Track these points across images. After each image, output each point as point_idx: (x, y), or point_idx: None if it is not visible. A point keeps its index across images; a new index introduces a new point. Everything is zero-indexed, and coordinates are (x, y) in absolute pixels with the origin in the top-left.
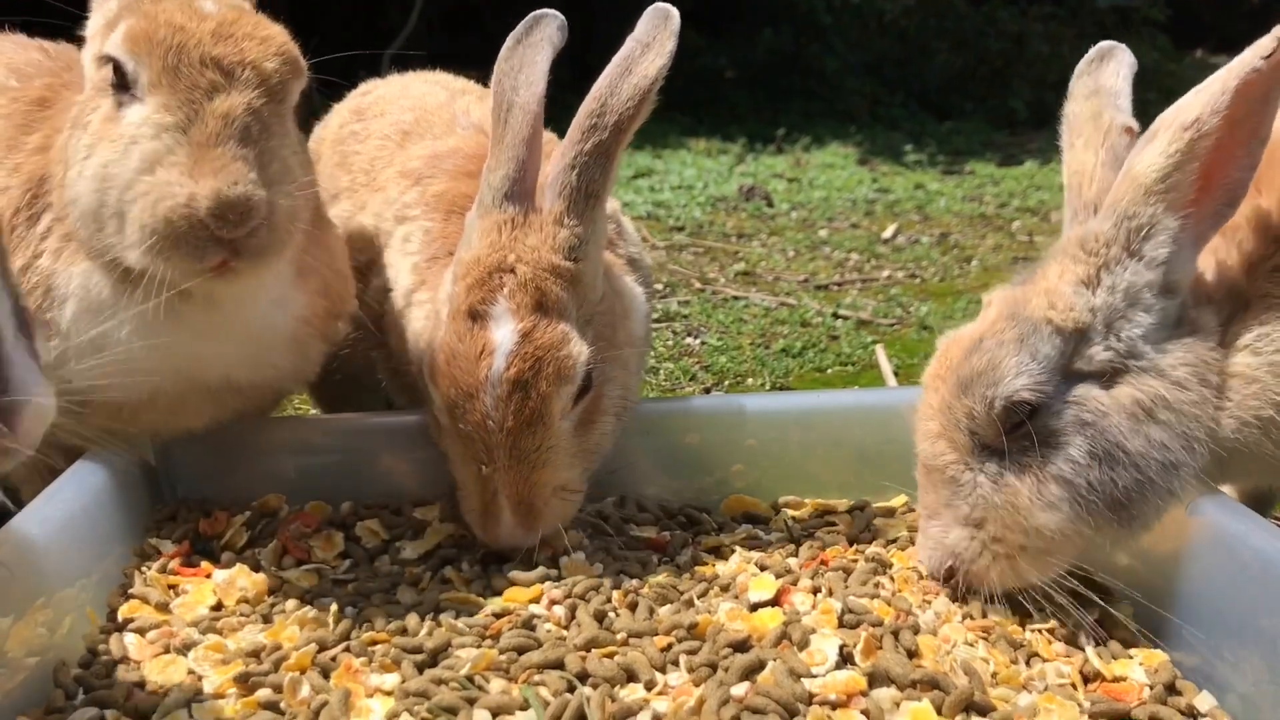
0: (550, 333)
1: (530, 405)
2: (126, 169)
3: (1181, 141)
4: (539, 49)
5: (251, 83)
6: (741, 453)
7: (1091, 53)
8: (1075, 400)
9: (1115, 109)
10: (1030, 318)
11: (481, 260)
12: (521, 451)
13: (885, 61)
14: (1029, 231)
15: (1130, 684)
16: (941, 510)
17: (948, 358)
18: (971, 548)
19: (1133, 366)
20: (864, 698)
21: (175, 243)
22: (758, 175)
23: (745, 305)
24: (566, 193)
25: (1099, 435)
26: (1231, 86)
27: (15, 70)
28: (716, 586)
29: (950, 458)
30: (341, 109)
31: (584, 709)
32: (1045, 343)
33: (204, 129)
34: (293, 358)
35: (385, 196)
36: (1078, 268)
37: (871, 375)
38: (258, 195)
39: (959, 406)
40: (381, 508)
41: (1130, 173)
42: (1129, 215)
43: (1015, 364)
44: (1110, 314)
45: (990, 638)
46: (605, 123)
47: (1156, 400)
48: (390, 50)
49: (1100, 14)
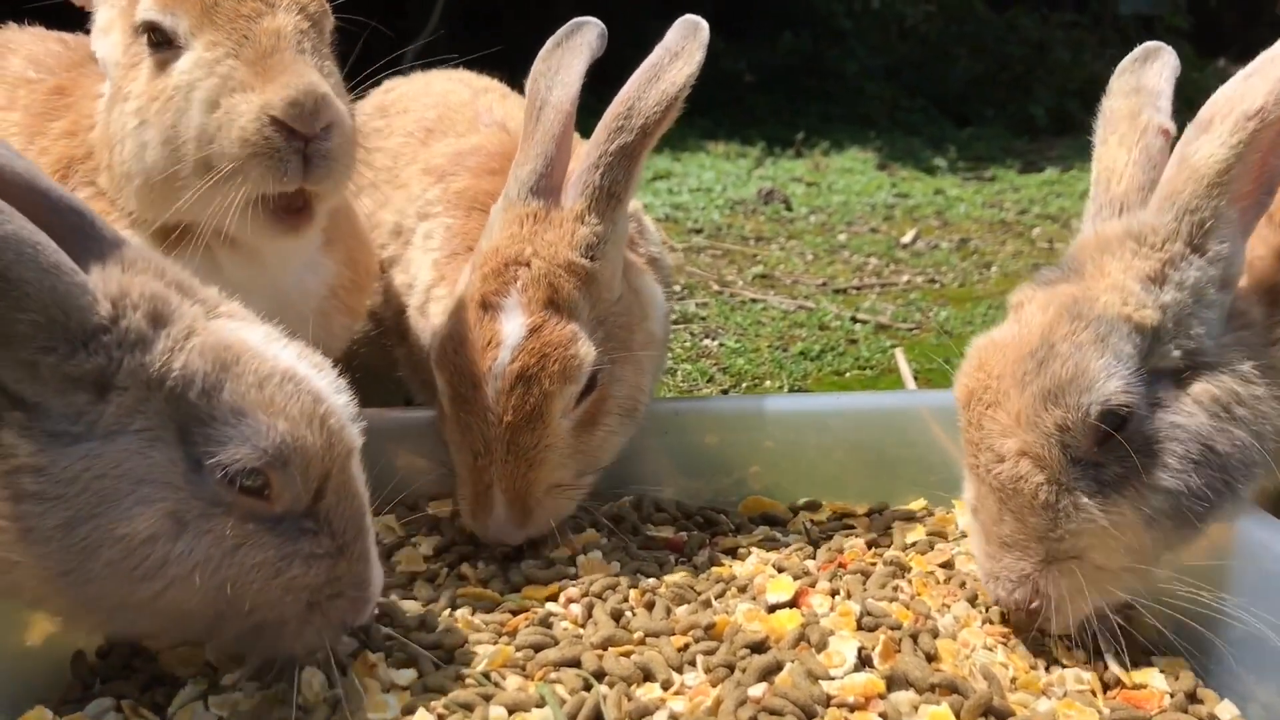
0: (559, 331)
1: (531, 401)
2: (195, 116)
3: (1245, 132)
4: (577, 53)
5: (293, 8)
6: (759, 454)
7: (1136, 51)
8: (1161, 401)
9: (1154, 109)
10: (1105, 316)
11: (499, 251)
12: (519, 447)
13: (905, 66)
14: (1049, 238)
15: (1151, 691)
16: (1030, 543)
17: (990, 368)
18: (1071, 585)
19: (1202, 364)
20: (882, 700)
21: (255, 159)
22: (777, 178)
23: (763, 308)
24: (589, 192)
25: (1193, 439)
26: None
27: (35, 61)
28: (734, 587)
29: (1039, 479)
30: (363, 106)
31: (600, 707)
32: (1126, 342)
33: (257, 46)
34: (320, 330)
35: (408, 193)
36: (1141, 264)
37: (890, 380)
38: (324, 85)
39: (1048, 418)
40: (398, 503)
41: (1189, 163)
42: (1190, 209)
43: (1104, 366)
44: (1179, 311)
45: (1009, 643)
46: (631, 125)
47: (1232, 397)
48: (411, 47)
49: (1122, 22)
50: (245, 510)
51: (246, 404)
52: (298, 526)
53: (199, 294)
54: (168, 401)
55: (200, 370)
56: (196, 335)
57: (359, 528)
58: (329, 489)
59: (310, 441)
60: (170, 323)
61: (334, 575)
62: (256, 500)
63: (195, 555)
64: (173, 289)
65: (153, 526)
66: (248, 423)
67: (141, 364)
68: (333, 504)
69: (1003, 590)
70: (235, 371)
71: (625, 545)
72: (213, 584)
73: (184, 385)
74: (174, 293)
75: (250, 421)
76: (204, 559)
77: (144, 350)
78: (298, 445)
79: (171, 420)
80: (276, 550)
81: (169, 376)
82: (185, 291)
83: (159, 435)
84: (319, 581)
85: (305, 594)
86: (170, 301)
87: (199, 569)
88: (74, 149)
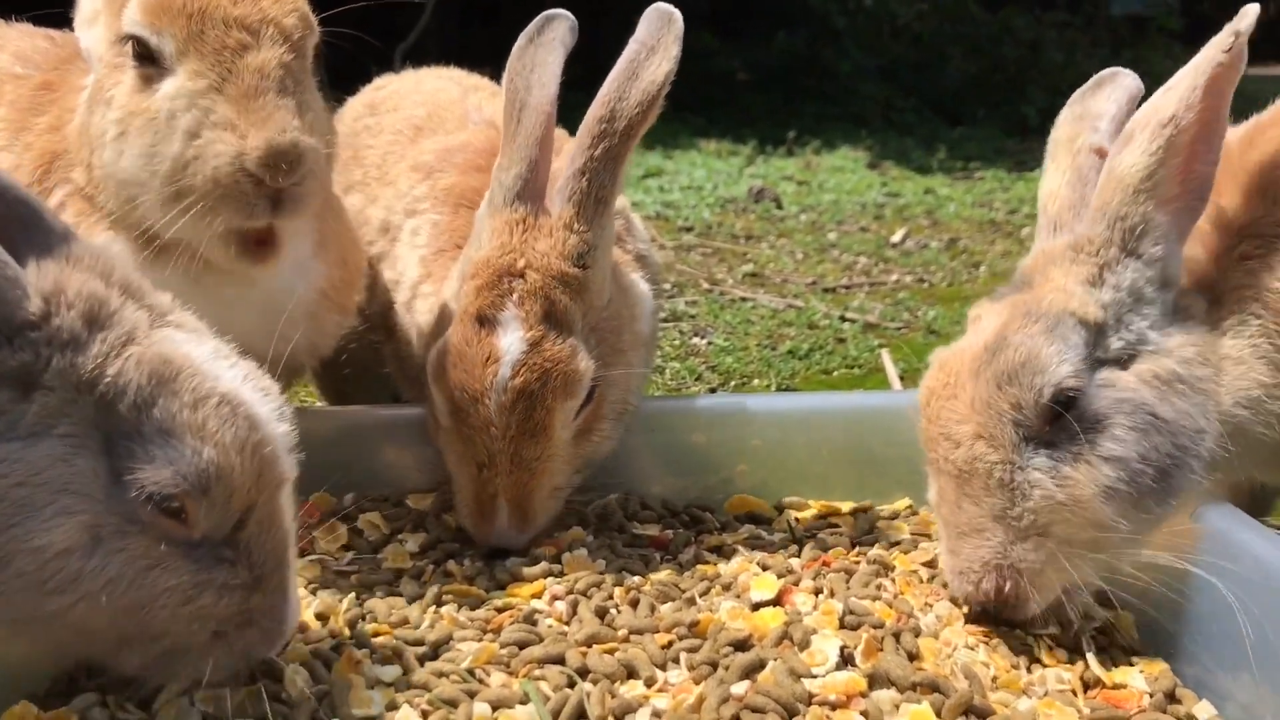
0: (558, 346)
1: (535, 417)
2: (173, 145)
3: (1162, 139)
4: (551, 49)
5: (277, 39)
6: (746, 453)
7: (1091, 80)
8: (1105, 382)
9: (1092, 130)
10: (1052, 312)
11: (491, 262)
12: (522, 460)
13: (899, 66)
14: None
15: (1130, 691)
16: (989, 524)
17: (949, 368)
18: (1038, 558)
19: (1144, 351)
20: (864, 699)
21: (224, 200)
22: (768, 177)
23: (753, 306)
24: (576, 198)
25: (1136, 409)
26: (1201, 83)
27: (22, 57)
28: (718, 585)
29: (994, 458)
30: (355, 103)
31: (584, 704)
32: (1073, 333)
33: (240, 84)
34: (309, 331)
35: (396, 190)
36: (1079, 269)
37: (878, 379)
38: (305, 141)
39: (1002, 400)
40: (384, 500)
41: (1115, 173)
42: (1120, 216)
43: (1055, 352)
44: (1119, 309)
45: (991, 642)
46: (615, 129)
47: (1171, 375)
48: (403, 44)
49: (1115, 22)
50: (162, 532)
51: (176, 425)
52: (215, 554)
53: (147, 299)
54: (96, 408)
55: (135, 381)
56: (135, 344)
57: (279, 560)
58: (251, 520)
59: (237, 471)
60: (108, 326)
61: (246, 606)
62: (175, 523)
63: (107, 573)
64: (116, 291)
65: (68, 540)
66: (174, 445)
67: (71, 365)
68: (254, 535)
69: (969, 585)
70: (171, 388)
71: (611, 543)
72: (122, 604)
73: (115, 394)
74: (117, 295)
75: (177, 444)
76: (115, 577)
77: (75, 351)
78: (222, 474)
79: (98, 428)
80: (190, 576)
81: (100, 382)
82: (131, 295)
83: (83, 442)
84: (230, 612)
85: (213, 623)
86: (110, 304)
87: (109, 587)
88: (57, 143)
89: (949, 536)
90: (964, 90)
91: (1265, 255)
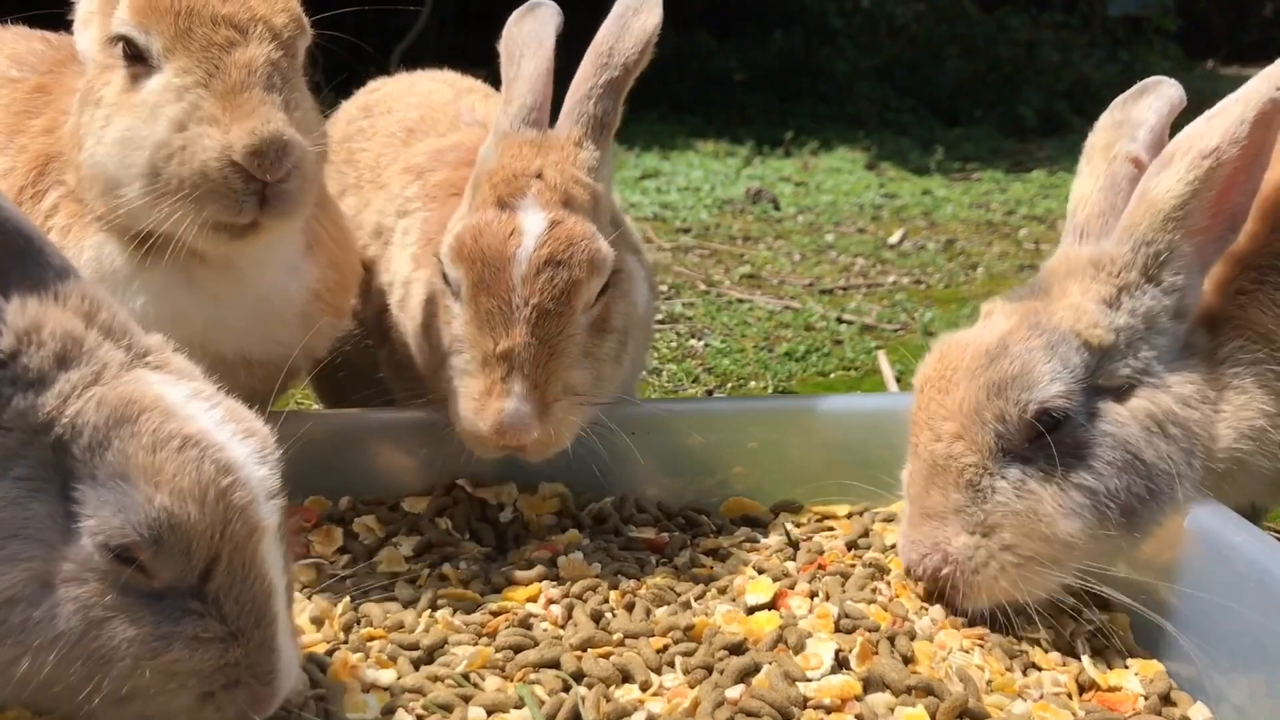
0: (580, 226)
1: (558, 285)
2: (155, 131)
3: (1200, 170)
4: (545, 21)
5: (265, 37)
6: (742, 455)
7: (1135, 87)
8: (1098, 411)
9: (1129, 140)
10: (1059, 329)
11: (506, 167)
12: (543, 332)
13: (895, 66)
14: (1035, 239)
15: (1125, 694)
16: (949, 515)
17: (948, 360)
18: (977, 556)
19: (1146, 383)
20: (858, 702)
21: (211, 194)
22: (765, 178)
23: (750, 308)
24: (584, 120)
25: (1119, 446)
26: (1250, 117)
27: (17, 60)
28: (714, 589)
29: (970, 460)
30: (349, 106)
31: (579, 708)
32: (1074, 354)
33: (227, 79)
34: (303, 332)
35: (388, 193)
36: (1099, 288)
37: (874, 381)
38: (289, 133)
39: (988, 408)
40: (379, 504)
41: (1147, 198)
42: (1147, 240)
43: (1049, 370)
44: (1131, 335)
45: (986, 645)
46: (615, 62)
47: (1167, 415)
48: (400, 47)
49: (1112, 23)
50: (119, 580)
51: (131, 468)
52: (181, 606)
53: (130, 339)
54: (54, 450)
55: (92, 423)
56: (100, 384)
57: (260, 614)
58: (219, 570)
59: (195, 519)
60: (76, 366)
61: (226, 662)
62: (133, 572)
63: (58, 624)
64: (96, 331)
65: (15, 588)
66: (127, 491)
67: (32, 406)
68: (224, 586)
69: (915, 554)
70: (130, 430)
71: (606, 546)
72: (75, 656)
73: (71, 436)
74: (95, 335)
75: (130, 490)
76: (67, 629)
77: (38, 392)
78: (175, 523)
79: (56, 471)
80: (153, 628)
81: (57, 423)
82: (112, 335)
83: (41, 485)
84: (207, 668)
85: (194, 680)
86: (84, 343)
87: (61, 639)
88: (51, 146)
89: (912, 513)
90: (961, 91)
91: (1258, 289)
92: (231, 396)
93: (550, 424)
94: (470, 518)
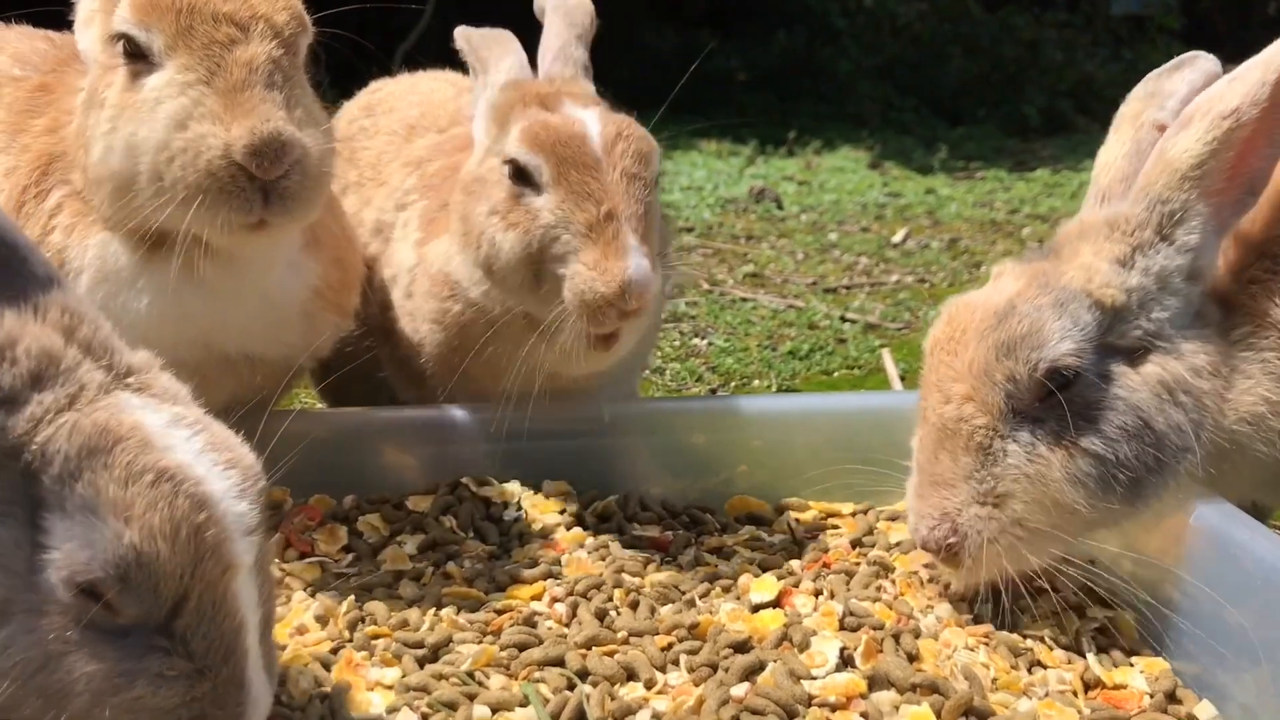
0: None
1: (633, 152)
2: (156, 131)
3: (1220, 130)
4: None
5: (267, 34)
6: (746, 454)
7: (1171, 61)
8: (1110, 374)
9: (1158, 108)
10: (1069, 288)
11: (528, 90)
12: (633, 195)
13: (898, 65)
14: (1039, 238)
15: (1131, 691)
16: (959, 482)
17: (958, 324)
18: (989, 528)
19: (1159, 347)
20: (863, 700)
21: (220, 194)
22: (768, 177)
23: (753, 307)
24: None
25: (1131, 411)
26: (1271, 79)
27: (20, 59)
28: (718, 587)
29: (980, 421)
30: (351, 106)
31: (584, 707)
32: (1086, 313)
33: (228, 77)
34: (306, 330)
35: (388, 189)
36: (1113, 247)
37: (877, 379)
38: (289, 130)
39: (998, 369)
40: (383, 502)
41: (1165, 157)
42: (1163, 199)
43: (1059, 328)
44: (1144, 295)
45: (991, 643)
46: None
47: (1178, 383)
48: (403, 46)
49: (1115, 22)
50: (82, 615)
51: (101, 502)
52: (147, 642)
53: (114, 358)
54: (22, 477)
55: (63, 451)
56: (74, 409)
57: (229, 650)
58: (187, 609)
59: (164, 557)
60: (51, 387)
61: (191, 697)
62: (99, 609)
63: (13, 654)
64: (76, 348)
65: None
66: (95, 525)
67: (2, 428)
68: (192, 624)
69: (924, 527)
70: (102, 461)
71: (611, 544)
72: (30, 689)
73: (41, 464)
74: (75, 352)
75: (98, 524)
76: (24, 660)
77: (9, 413)
78: (144, 561)
79: (25, 498)
80: (115, 664)
81: (26, 449)
82: (93, 353)
83: (8, 510)
84: (170, 704)
85: (156, 717)
86: (61, 362)
87: (18, 669)
88: (54, 145)
89: (920, 482)
90: (964, 90)
91: (1271, 278)
92: (231, 401)
93: (656, 276)
94: (475, 516)
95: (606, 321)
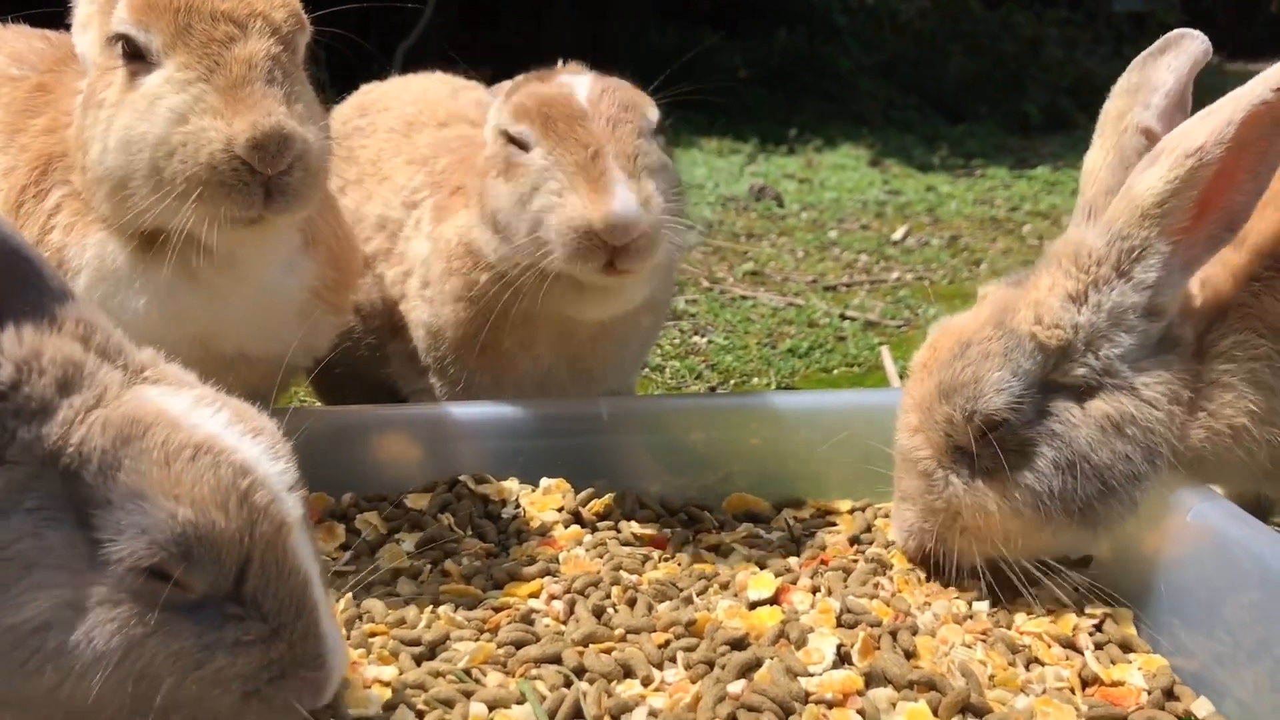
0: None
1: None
2: (156, 127)
3: (1183, 169)
4: None
5: (265, 32)
6: (744, 451)
7: (1159, 40)
8: (1049, 411)
9: (1142, 106)
10: (1016, 331)
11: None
12: (620, 135)
13: (900, 63)
14: (1040, 235)
15: (1128, 688)
16: (917, 499)
17: (936, 350)
18: (946, 536)
19: (1108, 384)
20: (860, 697)
21: (220, 189)
22: (769, 175)
23: (753, 305)
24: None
25: (1065, 446)
26: (1238, 118)
27: (18, 59)
28: (716, 584)
29: (925, 453)
30: (343, 108)
31: (580, 704)
32: (1028, 359)
33: (228, 74)
34: (302, 330)
35: (393, 185)
36: (1068, 282)
37: (878, 377)
38: (290, 125)
39: (939, 411)
40: (381, 500)
41: (1129, 193)
42: (1123, 235)
43: (997, 380)
44: (1092, 333)
45: (988, 640)
46: None
47: (1125, 417)
48: (404, 45)
49: (1116, 19)
50: (155, 597)
51: (147, 486)
52: (221, 611)
53: (126, 358)
54: (63, 480)
55: (99, 447)
56: (102, 407)
57: (300, 605)
58: (252, 571)
59: (222, 525)
60: (78, 391)
61: (270, 659)
62: (168, 586)
63: (95, 646)
64: (93, 353)
65: (43, 615)
66: (145, 509)
67: (37, 437)
68: (260, 586)
69: (899, 539)
70: (139, 447)
71: (608, 542)
72: (118, 678)
73: (79, 463)
74: (94, 358)
75: (148, 508)
76: (106, 650)
77: (42, 421)
78: (202, 533)
79: (70, 500)
80: (194, 639)
81: (64, 453)
82: (108, 356)
83: (54, 516)
84: (250, 669)
85: (238, 684)
86: (84, 367)
87: (101, 661)
88: (53, 146)
89: (896, 494)
90: (965, 87)
91: (1275, 277)
92: (234, 396)
93: (650, 212)
94: (472, 514)
95: (595, 256)
